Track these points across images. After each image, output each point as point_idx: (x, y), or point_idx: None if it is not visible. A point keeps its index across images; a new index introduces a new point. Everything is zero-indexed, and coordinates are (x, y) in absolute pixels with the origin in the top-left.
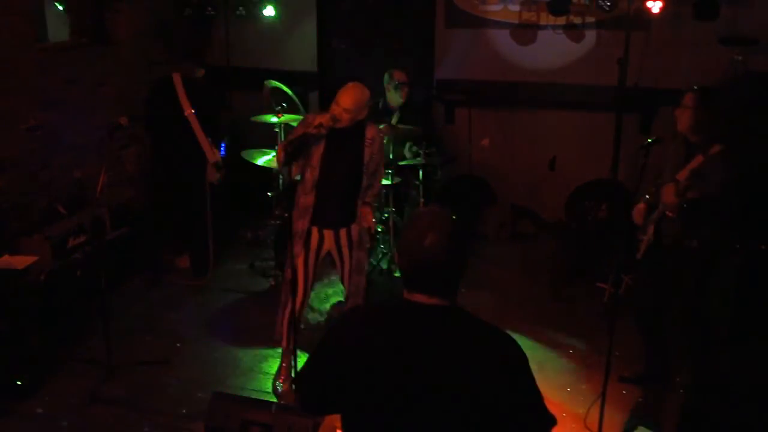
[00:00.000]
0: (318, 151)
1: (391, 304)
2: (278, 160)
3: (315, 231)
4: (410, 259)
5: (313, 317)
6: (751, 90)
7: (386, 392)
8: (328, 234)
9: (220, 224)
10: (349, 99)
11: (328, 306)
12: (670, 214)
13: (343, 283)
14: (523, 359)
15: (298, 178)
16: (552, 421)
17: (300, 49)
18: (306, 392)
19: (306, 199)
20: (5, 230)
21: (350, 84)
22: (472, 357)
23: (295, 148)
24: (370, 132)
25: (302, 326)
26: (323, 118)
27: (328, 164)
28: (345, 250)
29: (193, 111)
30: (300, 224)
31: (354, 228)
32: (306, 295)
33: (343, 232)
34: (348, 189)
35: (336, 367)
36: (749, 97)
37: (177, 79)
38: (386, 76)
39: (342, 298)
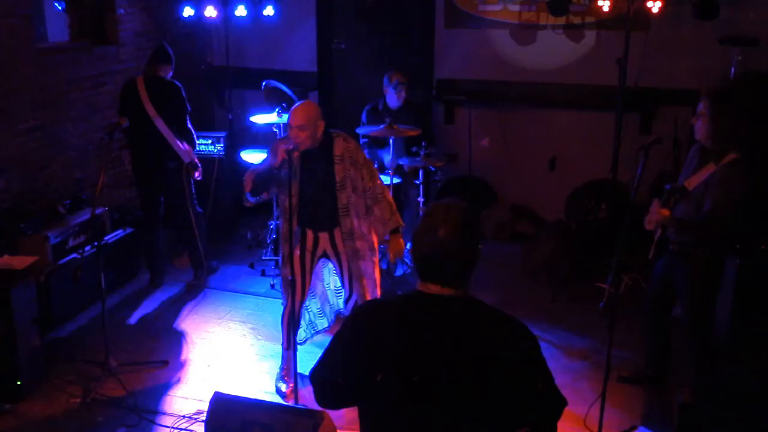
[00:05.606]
0: (295, 181)
1: (404, 295)
2: (245, 189)
3: (310, 233)
4: (424, 250)
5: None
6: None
7: (402, 383)
8: (323, 235)
9: (219, 224)
10: (299, 116)
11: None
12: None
13: (342, 285)
14: (535, 345)
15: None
16: (563, 402)
17: (300, 49)
18: (322, 386)
19: (286, 227)
20: (5, 230)
21: (297, 104)
22: (486, 344)
23: (262, 182)
24: (338, 148)
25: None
26: (292, 152)
27: (302, 190)
28: (341, 251)
29: (156, 112)
30: (286, 248)
31: (341, 236)
32: (304, 295)
33: (337, 232)
34: (326, 206)
35: (351, 360)
36: (757, 97)
37: (140, 81)
38: (385, 77)
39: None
